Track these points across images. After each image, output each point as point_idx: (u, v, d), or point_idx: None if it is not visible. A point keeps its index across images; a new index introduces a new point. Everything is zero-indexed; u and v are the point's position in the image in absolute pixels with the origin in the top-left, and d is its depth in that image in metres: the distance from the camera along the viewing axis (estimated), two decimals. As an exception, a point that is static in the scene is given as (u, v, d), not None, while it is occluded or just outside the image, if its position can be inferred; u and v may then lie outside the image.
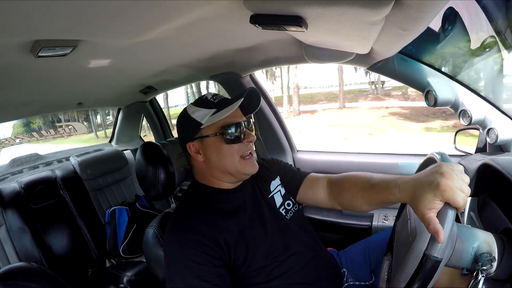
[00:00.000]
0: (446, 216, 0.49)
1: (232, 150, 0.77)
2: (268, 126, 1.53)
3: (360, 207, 0.78)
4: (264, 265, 0.75)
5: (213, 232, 0.72)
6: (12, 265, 0.70)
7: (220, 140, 0.77)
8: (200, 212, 0.76)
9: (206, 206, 0.78)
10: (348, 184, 0.81)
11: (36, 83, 1.10)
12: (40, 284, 0.70)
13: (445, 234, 0.46)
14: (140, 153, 0.92)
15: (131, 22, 0.61)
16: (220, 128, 0.77)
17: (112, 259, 1.70)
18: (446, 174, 0.50)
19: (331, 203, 0.87)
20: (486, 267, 0.57)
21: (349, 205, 0.82)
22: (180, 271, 0.68)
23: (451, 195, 0.48)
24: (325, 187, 0.88)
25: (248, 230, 0.77)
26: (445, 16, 0.87)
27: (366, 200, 0.75)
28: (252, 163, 0.81)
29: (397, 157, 1.37)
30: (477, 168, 0.84)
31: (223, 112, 0.75)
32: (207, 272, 0.68)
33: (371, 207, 0.76)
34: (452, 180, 0.49)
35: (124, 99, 2.06)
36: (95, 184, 1.82)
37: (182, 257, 0.69)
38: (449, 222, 0.48)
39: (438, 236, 0.46)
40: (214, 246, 0.71)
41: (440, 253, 0.46)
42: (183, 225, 0.73)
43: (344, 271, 0.92)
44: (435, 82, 0.95)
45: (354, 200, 0.78)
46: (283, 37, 0.95)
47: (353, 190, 0.78)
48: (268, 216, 0.83)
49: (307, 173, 0.95)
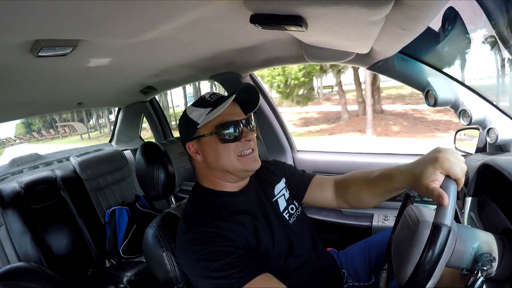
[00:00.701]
0: (448, 187, 0.53)
1: (228, 149, 0.75)
2: (268, 126, 1.53)
3: (366, 200, 0.80)
4: (270, 268, 0.74)
5: (225, 232, 0.71)
6: (11, 265, 0.70)
7: (216, 139, 0.75)
8: (210, 217, 0.74)
9: (214, 211, 0.76)
10: (352, 179, 0.85)
11: (36, 83, 1.10)
12: (40, 284, 0.70)
13: (450, 203, 0.50)
14: (140, 153, 0.92)
15: (131, 22, 0.61)
16: (215, 127, 0.75)
17: (112, 259, 1.70)
18: (443, 150, 0.57)
19: (338, 201, 0.89)
20: (486, 267, 0.57)
21: (355, 200, 0.84)
22: (205, 266, 0.65)
23: (450, 166, 0.54)
24: (332, 186, 0.90)
25: (258, 233, 0.76)
26: (445, 16, 0.87)
27: (371, 192, 0.78)
28: (253, 159, 0.78)
29: (397, 157, 1.37)
30: (477, 168, 0.84)
31: (217, 110, 0.73)
32: (232, 257, 0.65)
33: (376, 199, 0.79)
34: (449, 155, 0.56)
35: (124, 99, 2.06)
36: (95, 184, 1.82)
37: (202, 252, 0.66)
38: (452, 192, 0.52)
39: (444, 200, 0.49)
40: (229, 241, 0.69)
41: (449, 219, 0.48)
42: (198, 225, 0.72)
43: (344, 272, 0.92)
44: (435, 82, 0.95)
45: (359, 194, 0.81)
46: (283, 37, 0.95)
47: (358, 183, 0.82)
48: (274, 219, 0.82)
49: (313, 175, 0.95)
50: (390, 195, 0.75)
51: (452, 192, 0.52)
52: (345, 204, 0.87)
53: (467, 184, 0.92)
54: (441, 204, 0.50)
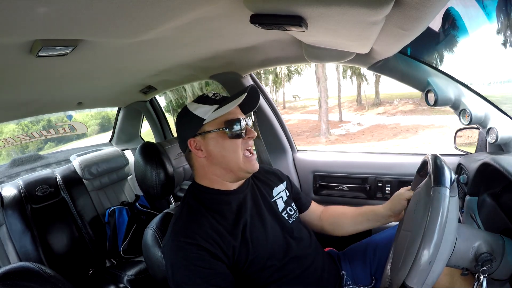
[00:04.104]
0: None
1: (235, 145, 0.78)
2: (268, 126, 1.53)
3: (344, 224, 0.96)
4: (264, 268, 0.75)
5: (215, 235, 0.72)
6: (12, 265, 0.70)
7: (223, 135, 0.77)
8: (201, 217, 0.75)
9: (207, 210, 0.77)
10: (340, 208, 1.01)
11: (36, 83, 1.10)
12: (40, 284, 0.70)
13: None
14: (139, 153, 0.92)
15: (131, 22, 0.60)
16: (223, 123, 0.77)
17: (112, 259, 1.70)
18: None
19: (319, 223, 1.01)
20: (486, 267, 0.57)
21: (334, 222, 0.98)
22: (186, 278, 0.67)
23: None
24: (319, 215, 1.02)
25: (249, 233, 0.76)
26: (445, 16, 0.87)
27: (352, 215, 0.96)
28: (254, 161, 0.82)
29: (397, 156, 1.37)
30: (477, 168, 0.84)
31: (227, 107, 0.76)
32: (214, 276, 0.68)
33: (355, 225, 0.94)
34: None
35: (124, 99, 2.06)
36: (95, 184, 1.82)
37: (186, 263, 0.68)
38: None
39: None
40: (216, 250, 0.70)
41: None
42: (184, 230, 0.73)
43: (343, 274, 0.92)
44: (435, 81, 0.95)
45: (342, 218, 0.97)
46: (283, 37, 0.95)
47: (343, 210, 0.99)
48: (269, 219, 0.83)
49: (310, 201, 1.04)
50: (370, 220, 0.91)
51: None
52: (325, 226, 1.00)
53: (467, 183, 0.92)
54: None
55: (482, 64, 6.70)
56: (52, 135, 2.55)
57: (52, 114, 2.24)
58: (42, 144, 9.34)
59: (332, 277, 0.87)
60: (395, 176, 1.31)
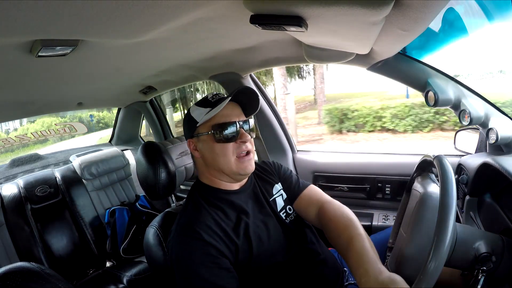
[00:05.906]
0: None
1: (225, 149, 0.77)
2: (268, 126, 1.53)
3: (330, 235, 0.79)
4: (266, 266, 0.75)
5: (219, 232, 0.72)
6: (12, 265, 0.70)
7: (212, 139, 0.78)
8: (206, 213, 0.76)
9: (210, 207, 0.78)
10: (332, 223, 0.79)
11: (36, 83, 1.10)
12: (40, 284, 0.70)
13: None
14: (141, 153, 0.93)
15: (131, 22, 0.61)
16: (211, 127, 0.77)
17: (112, 259, 1.70)
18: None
19: (317, 224, 0.87)
20: (486, 267, 0.57)
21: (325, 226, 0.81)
22: (192, 272, 0.67)
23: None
24: (317, 209, 0.87)
25: (251, 232, 0.77)
26: (445, 16, 0.87)
27: (334, 242, 0.76)
28: (248, 162, 0.79)
29: (396, 157, 1.38)
30: (477, 168, 0.84)
31: (213, 111, 0.76)
32: (219, 270, 0.68)
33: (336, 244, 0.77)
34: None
35: (124, 99, 2.06)
36: (95, 184, 1.82)
37: (190, 262, 0.68)
38: None
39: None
40: (221, 245, 0.70)
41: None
42: (189, 226, 0.73)
43: (345, 270, 0.92)
44: (435, 82, 0.95)
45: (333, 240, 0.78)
46: (283, 37, 0.95)
47: (332, 229, 0.78)
48: (270, 218, 0.83)
49: (306, 184, 0.94)
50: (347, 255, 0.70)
51: None
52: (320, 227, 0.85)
53: (467, 183, 0.93)
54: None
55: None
56: (52, 135, 2.54)
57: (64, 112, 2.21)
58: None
59: (334, 273, 0.87)
60: (395, 176, 1.31)
